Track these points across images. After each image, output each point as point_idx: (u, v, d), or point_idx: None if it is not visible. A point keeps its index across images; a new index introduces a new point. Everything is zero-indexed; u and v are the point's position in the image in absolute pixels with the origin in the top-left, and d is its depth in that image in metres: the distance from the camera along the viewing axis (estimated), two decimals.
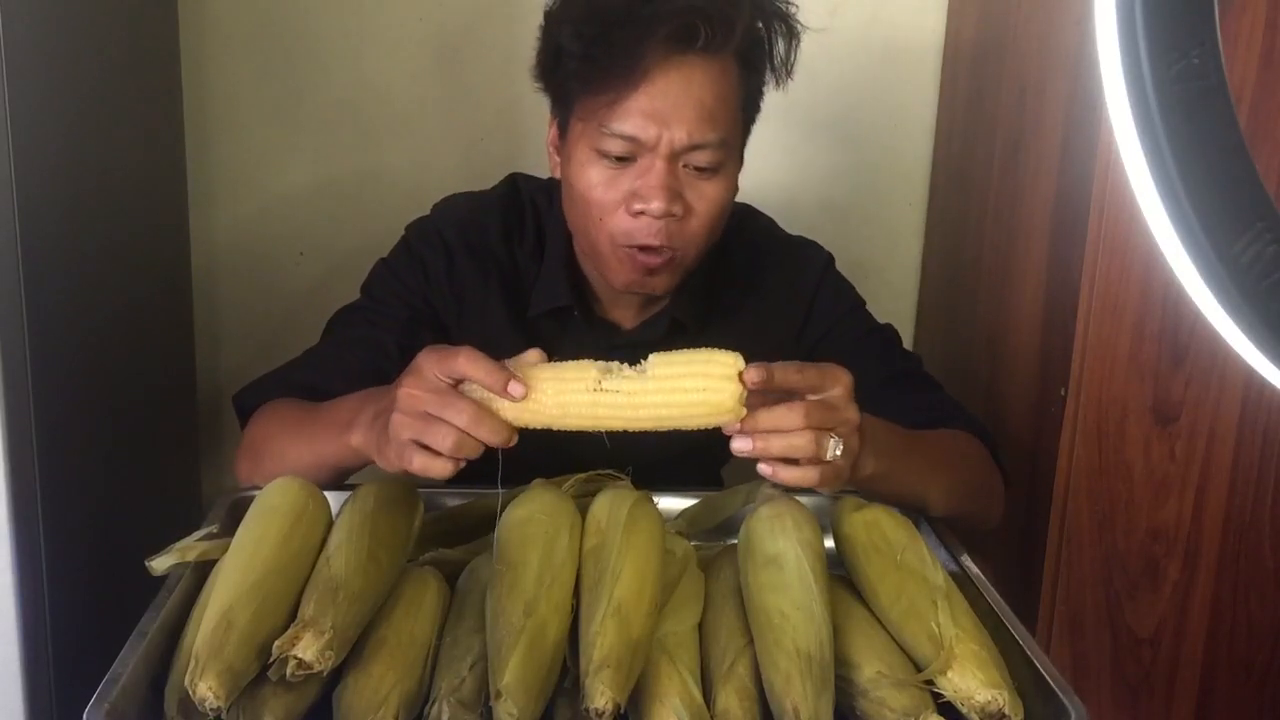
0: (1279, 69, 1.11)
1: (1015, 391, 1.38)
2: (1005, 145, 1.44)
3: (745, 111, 1.12)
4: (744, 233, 1.26)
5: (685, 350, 0.88)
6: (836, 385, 0.90)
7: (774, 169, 1.69)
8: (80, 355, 1.11)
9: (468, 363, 0.86)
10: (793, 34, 1.11)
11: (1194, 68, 0.44)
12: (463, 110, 1.64)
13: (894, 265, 1.76)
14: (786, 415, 0.87)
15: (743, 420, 0.87)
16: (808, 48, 1.13)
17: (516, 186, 1.26)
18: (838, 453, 0.89)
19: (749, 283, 1.25)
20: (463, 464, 0.87)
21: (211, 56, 1.61)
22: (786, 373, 0.88)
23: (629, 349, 1.20)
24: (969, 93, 1.59)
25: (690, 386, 0.85)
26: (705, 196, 1.08)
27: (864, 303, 1.28)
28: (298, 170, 1.66)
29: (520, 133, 1.49)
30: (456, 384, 0.87)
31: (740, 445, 0.88)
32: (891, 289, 1.75)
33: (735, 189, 1.14)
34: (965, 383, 1.52)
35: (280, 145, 1.65)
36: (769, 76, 1.12)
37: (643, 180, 1.06)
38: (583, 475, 1.03)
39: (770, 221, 1.31)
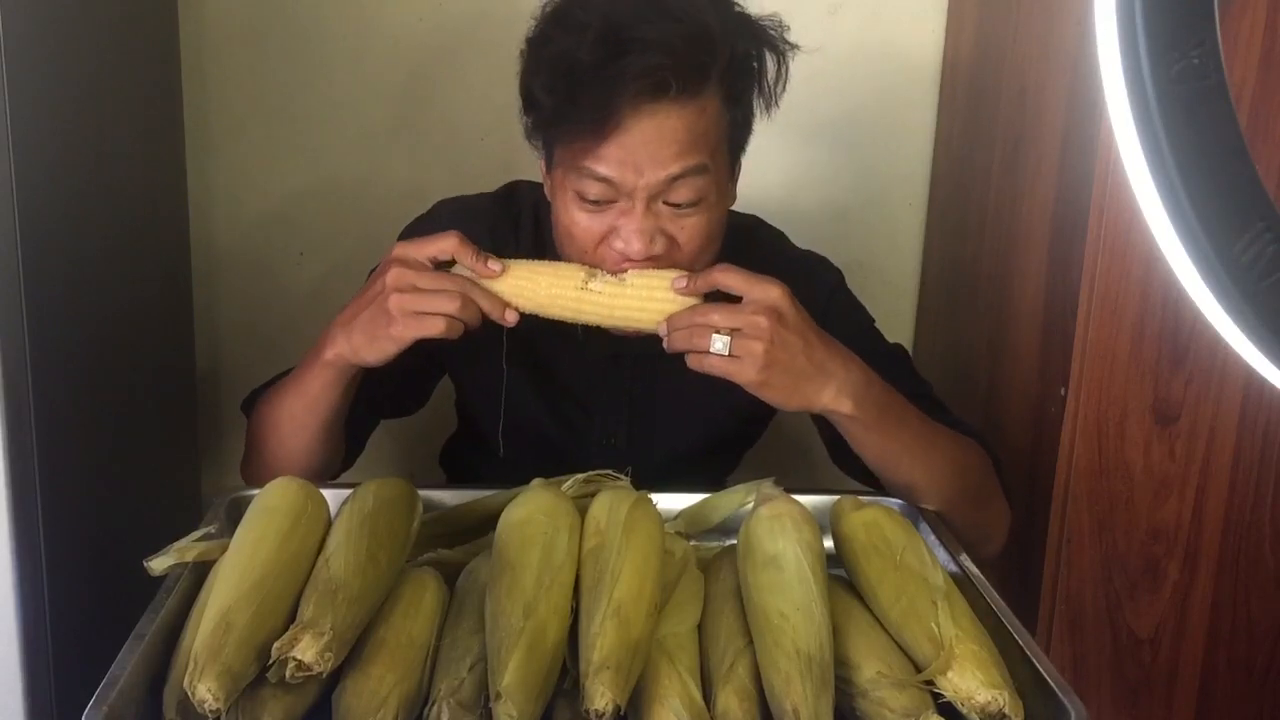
0: (1279, 69, 1.11)
1: (1015, 391, 1.38)
2: (1005, 145, 1.44)
3: (731, 140, 1.10)
4: (753, 246, 1.24)
5: (662, 269, 1.04)
6: (758, 296, 1.01)
7: (775, 170, 1.69)
8: (80, 355, 1.11)
9: (458, 243, 1.02)
10: (780, 60, 1.09)
11: (1194, 68, 0.44)
12: (463, 110, 1.64)
13: (894, 265, 1.76)
14: (685, 314, 1.02)
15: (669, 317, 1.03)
16: (807, 49, 1.12)
17: (515, 193, 1.25)
18: (720, 348, 0.99)
19: None
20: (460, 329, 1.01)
21: (211, 56, 1.61)
22: (713, 278, 1.02)
23: (632, 360, 1.20)
24: (969, 93, 1.59)
25: (660, 296, 1.03)
26: (687, 228, 1.07)
27: (873, 321, 1.27)
28: (298, 170, 1.66)
29: (520, 133, 1.49)
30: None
31: (664, 337, 1.03)
32: (891, 289, 1.74)
33: (724, 214, 1.12)
34: (965, 383, 1.52)
35: (280, 145, 1.65)
36: (758, 102, 1.10)
37: (623, 221, 1.05)
38: (582, 475, 1.03)
39: (780, 235, 1.30)
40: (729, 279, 1.02)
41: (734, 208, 1.17)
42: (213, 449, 1.68)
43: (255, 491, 0.94)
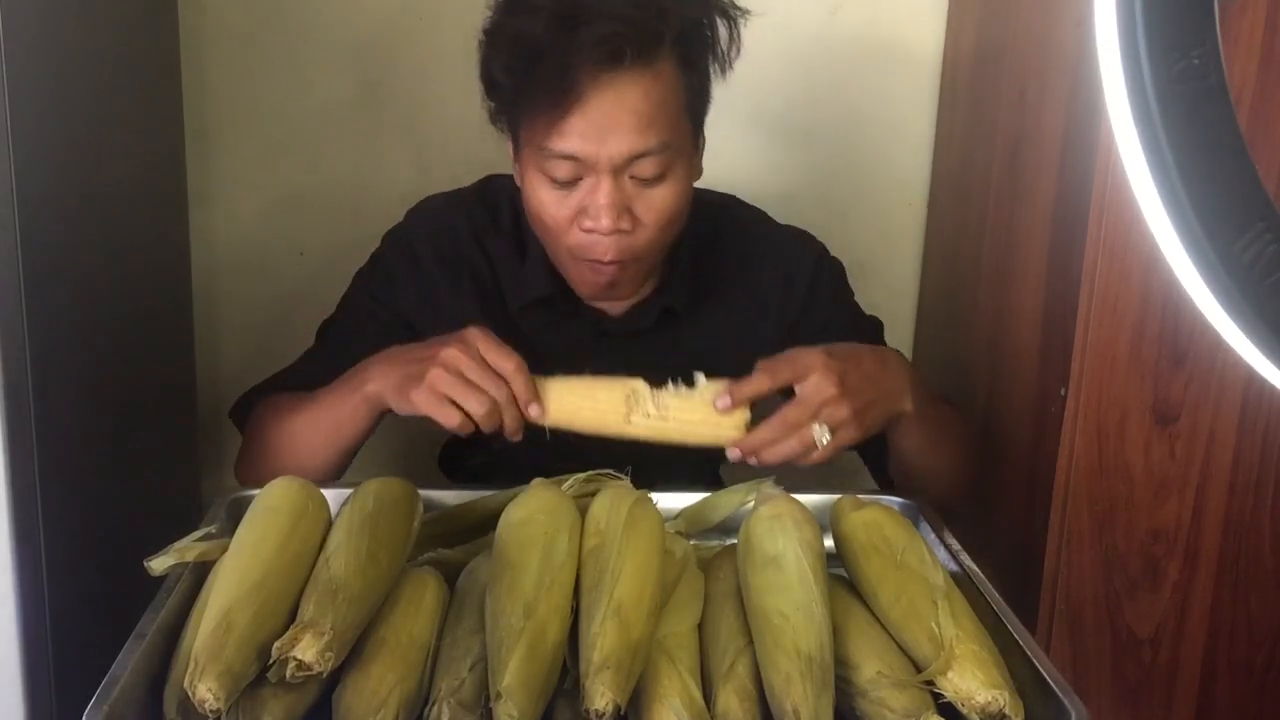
0: (1279, 69, 1.11)
1: (1015, 391, 1.38)
2: (1005, 146, 1.44)
3: (690, 108, 1.11)
4: (734, 220, 1.28)
5: (700, 401, 1.02)
6: (810, 372, 1.02)
7: (774, 170, 1.69)
8: (80, 356, 1.11)
9: (515, 370, 1.02)
10: (731, 24, 1.11)
11: (1194, 68, 0.44)
12: (462, 111, 1.63)
13: (894, 266, 1.76)
14: (767, 431, 1.02)
15: (740, 443, 1.03)
16: (807, 48, 1.13)
17: (492, 186, 1.28)
18: (825, 439, 1.00)
19: (740, 270, 1.27)
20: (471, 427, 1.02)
21: (211, 56, 1.61)
22: (758, 385, 1.02)
23: (619, 336, 1.22)
24: (969, 93, 1.59)
25: (704, 433, 1.03)
26: (654, 205, 1.09)
27: (853, 293, 1.31)
28: (298, 170, 1.66)
29: None
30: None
31: (735, 456, 1.04)
32: (891, 290, 1.74)
33: (689, 188, 1.13)
34: (965, 383, 1.52)
35: (280, 145, 1.65)
36: (713, 68, 1.12)
37: (590, 198, 1.07)
38: (582, 475, 1.03)
39: (760, 213, 1.32)
40: (776, 378, 1.03)
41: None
42: (213, 449, 1.68)
43: (256, 492, 0.94)
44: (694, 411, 1.03)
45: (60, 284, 1.05)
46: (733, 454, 1.03)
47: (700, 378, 1.03)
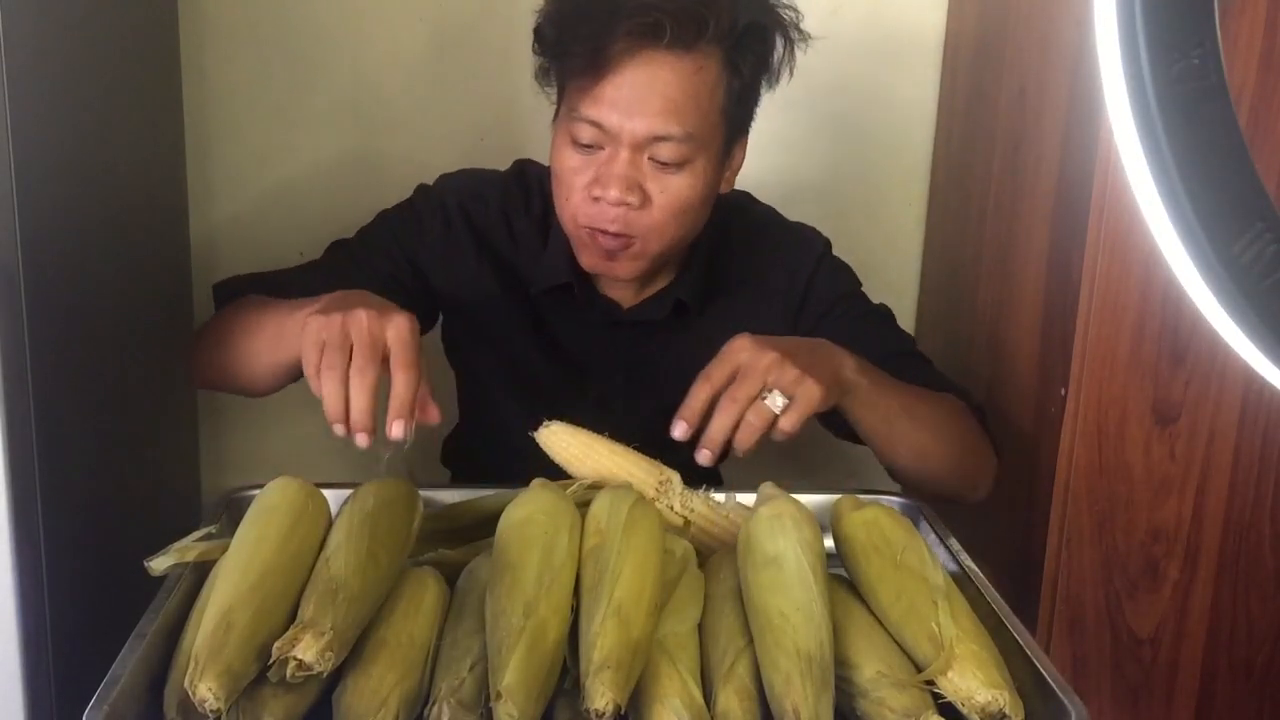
0: (1279, 69, 1.11)
1: (1015, 391, 1.38)
2: (1005, 145, 1.44)
3: (729, 110, 1.12)
4: (745, 216, 1.30)
5: (723, 513, 1.02)
6: (740, 353, 1.01)
7: (774, 167, 1.69)
8: (80, 355, 1.11)
9: (405, 375, 0.92)
10: (788, 40, 1.12)
11: (1194, 68, 0.44)
12: (463, 110, 1.64)
13: (894, 264, 1.76)
14: (722, 417, 1.00)
15: (704, 440, 1.01)
16: (807, 48, 1.14)
17: (523, 169, 1.29)
18: (779, 403, 0.99)
19: (748, 265, 1.28)
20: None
21: (211, 56, 1.61)
22: (699, 395, 1.00)
23: (631, 326, 1.23)
24: (969, 92, 1.59)
25: (717, 534, 1.02)
26: (668, 190, 1.10)
27: (860, 285, 1.31)
28: (298, 169, 1.66)
29: (520, 132, 1.49)
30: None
31: (707, 457, 1.01)
32: (891, 288, 1.74)
33: (709, 190, 1.14)
34: (965, 382, 1.51)
35: (280, 144, 1.65)
36: (763, 79, 1.13)
37: (605, 168, 1.09)
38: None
39: (770, 209, 1.34)
40: (715, 379, 1.01)
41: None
42: (213, 449, 1.68)
43: (255, 491, 0.94)
44: (715, 523, 1.03)
45: (60, 284, 1.05)
46: (702, 456, 1.02)
47: (734, 499, 1.05)
